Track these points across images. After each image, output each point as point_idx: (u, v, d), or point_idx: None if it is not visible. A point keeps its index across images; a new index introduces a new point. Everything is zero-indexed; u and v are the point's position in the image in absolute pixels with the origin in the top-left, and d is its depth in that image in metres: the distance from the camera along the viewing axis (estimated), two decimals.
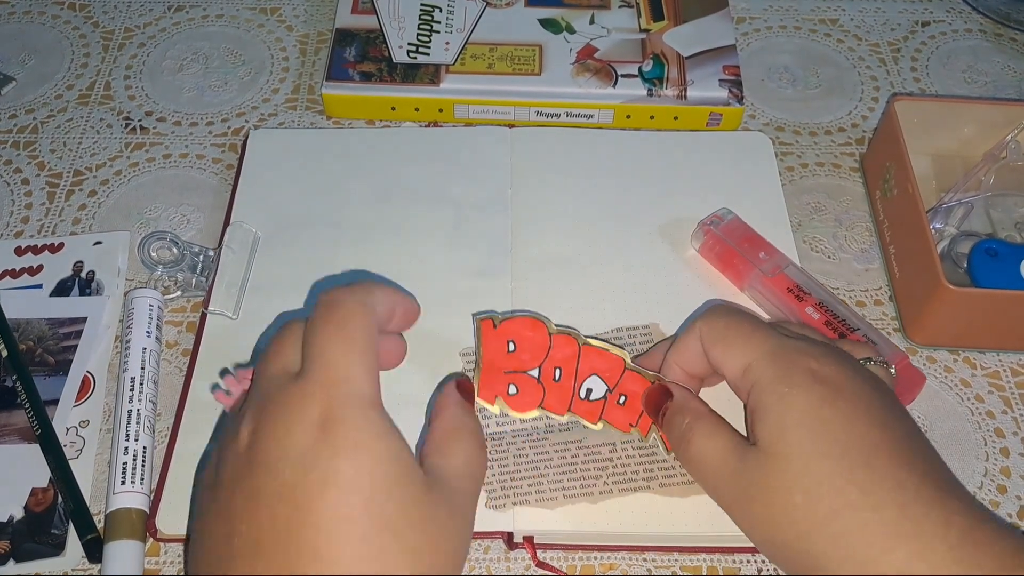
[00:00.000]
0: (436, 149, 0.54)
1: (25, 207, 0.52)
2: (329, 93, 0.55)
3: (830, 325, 0.44)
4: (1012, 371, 0.46)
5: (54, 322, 0.46)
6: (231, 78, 0.59)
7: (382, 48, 0.57)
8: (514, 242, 0.49)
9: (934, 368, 0.46)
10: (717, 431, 0.36)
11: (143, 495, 0.40)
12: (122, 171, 0.54)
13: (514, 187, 0.52)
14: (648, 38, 0.57)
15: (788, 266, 0.46)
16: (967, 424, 0.44)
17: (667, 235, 0.50)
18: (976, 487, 0.42)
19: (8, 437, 0.43)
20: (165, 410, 0.44)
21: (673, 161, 0.54)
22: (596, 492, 0.39)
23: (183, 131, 0.56)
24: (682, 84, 0.55)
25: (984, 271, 0.46)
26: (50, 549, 0.40)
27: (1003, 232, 0.49)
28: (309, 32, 0.62)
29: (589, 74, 0.56)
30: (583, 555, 0.40)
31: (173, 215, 0.52)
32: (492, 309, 0.47)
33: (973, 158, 0.53)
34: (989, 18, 0.64)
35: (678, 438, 0.37)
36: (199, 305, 0.48)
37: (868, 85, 0.60)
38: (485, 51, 0.57)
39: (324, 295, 0.33)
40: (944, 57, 0.62)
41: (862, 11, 0.65)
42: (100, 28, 0.62)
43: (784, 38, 0.63)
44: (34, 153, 0.55)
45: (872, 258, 0.51)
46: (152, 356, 0.44)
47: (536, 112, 0.55)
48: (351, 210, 0.51)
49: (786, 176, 0.54)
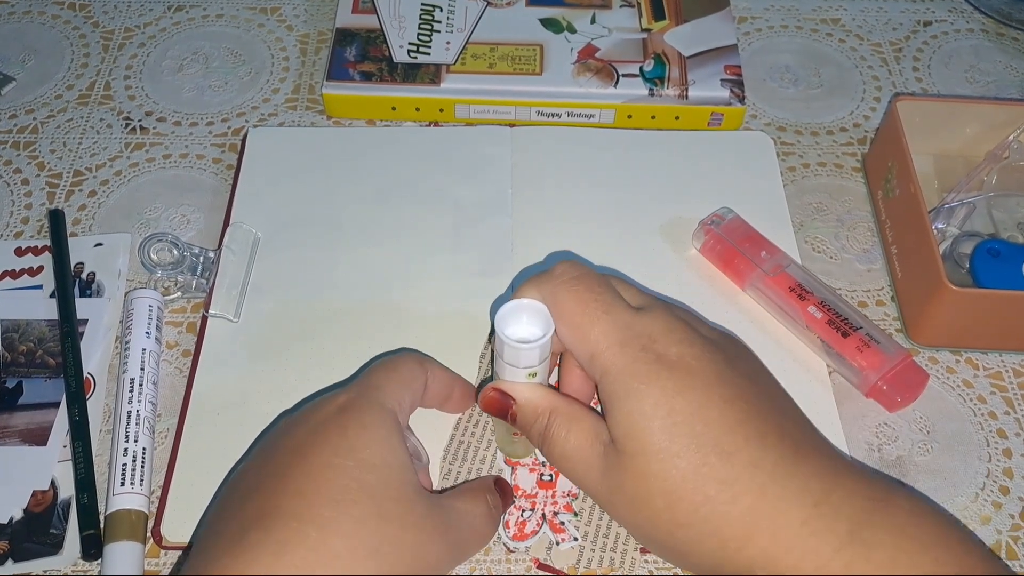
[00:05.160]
0: (436, 149, 0.54)
1: (25, 207, 0.52)
2: (329, 93, 0.55)
3: (833, 324, 0.44)
4: (1014, 372, 0.46)
5: (54, 323, 0.46)
6: (231, 78, 0.59)
7: (383, 48, 0.57)
8: (514, 242, 0.49)
9: (936, 369, 0.46)
10: (575, 427, 0.35)
11: (143, 496, 0.40)
12: (122, 171, 0.54)
13: (514, 187, 0.52)
14: (649, 38, 0.57)
15: (790, 265, 0.46)
16: (969, 425, 0.44)
17: (668, 235, 0.50)
18: (979, 488, 0.42)
19: (8, 439, 0.43)
20: (165, 411, 0.44)
21: (674, 161, 0.53)
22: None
23: (183, 131, 0.56)
24: (683, 84, 0.55)
25: (986, 271, 0.46)
26: (48, 548, 0.39)
27: (1005, 232, 0.49)
28: (309, 32, 0.62)
29: (590, 74, 0.55)
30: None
31: (173, 215, 0.52)
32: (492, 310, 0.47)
33: (975, 158, 0.53)
34: (991, 18, 0.64)
35: (538, 441, 0.36)
36: (199, 306, 0.48)
37: (870, 85, 0.60)
38: (486, 51, 0.56)
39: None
40: (946, 57, 0.61)
41: (864, 11, 0.64)
42: (100, 28, 0.62)
43: (786, 38, 0.63)
44: (34, 153, 0.55)
45: (874, 258, 0.51)
46: (152, 357, 0.44)
47: (537, 112, 0.55)
48: (351, 210, 0.51)
49: (788, 176, 0.54)
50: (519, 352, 0.35)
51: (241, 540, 0.31)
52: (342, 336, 0.46)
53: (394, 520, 0.32)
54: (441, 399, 0.41)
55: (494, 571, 0.39)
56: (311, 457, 0.33)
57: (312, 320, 0.46)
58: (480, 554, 0.40)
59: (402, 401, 0.36)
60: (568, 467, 0.35)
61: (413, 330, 0.46)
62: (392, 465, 0.33)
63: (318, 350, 0.45)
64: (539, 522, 0.40)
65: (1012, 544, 0.41)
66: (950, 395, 0.45)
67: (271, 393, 0.43)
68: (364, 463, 0.33)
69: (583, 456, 0.34)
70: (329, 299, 0.47)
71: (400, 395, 0.36)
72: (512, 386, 0.36)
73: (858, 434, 0.44)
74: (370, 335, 0.46)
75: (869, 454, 0.43)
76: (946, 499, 0.42)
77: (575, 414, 0.35)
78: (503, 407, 0.36)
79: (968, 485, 0.42)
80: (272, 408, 0.43)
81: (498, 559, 0.39)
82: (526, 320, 0.36)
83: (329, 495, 0.31)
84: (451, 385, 0.41)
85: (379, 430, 0.34)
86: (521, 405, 0.36)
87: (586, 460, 0.34)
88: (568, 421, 0.35)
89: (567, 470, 0.35)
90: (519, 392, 0.36)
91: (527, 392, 0.36)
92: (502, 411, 0.36)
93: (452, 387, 0.41)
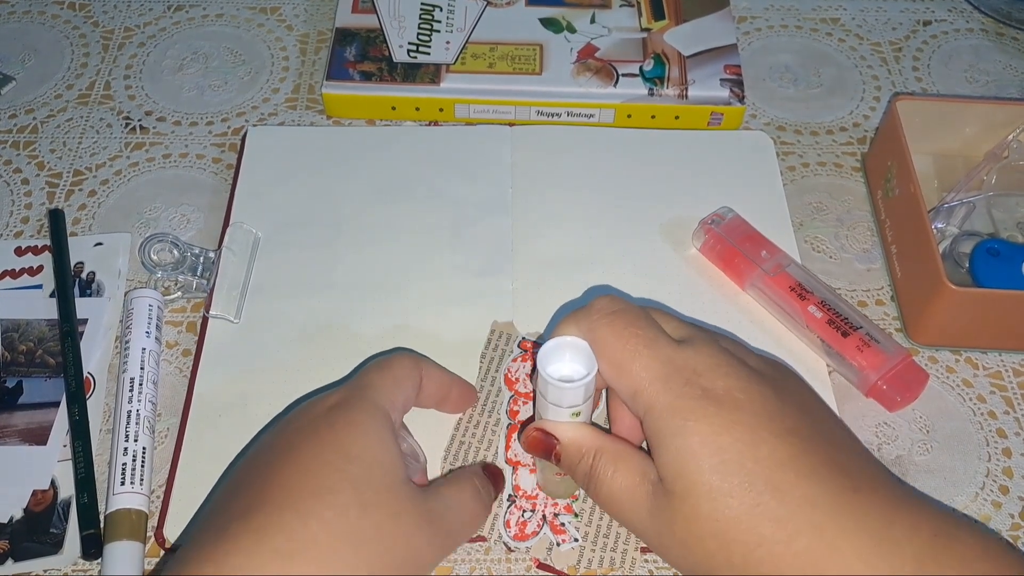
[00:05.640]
0: (436, 148, 0.54)
1: (25, 207, 0.52)
2: (329, 93, 0.55)
3: (833, 324, 0.44)
4: (1014, 371, 0.46)
5: (54, 323, 0.46)
6: (231, 78, 0.59)
7: (382, 47, 0.57)
8: (514, 242, 0.49)
9: (936, 368, 0.46)
10: (621, 466, 0.34)
11: (143, 495, 0.40)
12: (122, 171, 0.54)
13: (514, 187, 0.52)
14: (649, 37, 0.57)
15: (790, 265, 0.46)
16: (969, 425, 0.44)
17: (668, 234, 0.50)
18: (978, 488, 0.42)
19: (9, 438, 0.43)
20: (165, 411, 0.44)
21: (674, 160, 0.53)
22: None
23: (183, 131, 0.56)
24: (683, 83, 0.55)
25: (986, 271, 0.46)
26: (48, 548, 0.39)
27: (1005, 232, 0.49)
28: (309, 32, 0.62)
29: (590, 73, 0.55)
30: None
31: (173, 215, 0.52)
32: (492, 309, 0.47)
33: (975, 158, 0.53)
34: (991, 17, 0.64)
35: (584, 481, 0.35)
36: (199, 306, 0.48)
37: (870, 85, 0.60)
38: (486, 50, 0.56)
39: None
40: (946, 56, 0.61)
41: (863, 10, 0.64)
42: (100, 28, 0.62)
43: (785, 37, 0.63)
44: (34, 153, 0.55)
45: (874, 258, 0.51)
46: (152, 356, 0.44)
47: (537, 112, 0.55)
48: (351, 210, 0.51)
49: (787, 176, 0.54)
50: (563, 391, 0.34)
51: (224, 530, 0.31)
52: (342, 336, 0.46)
53: (377, 510, 0.32)
54: (438, 399, 0.41)
55: (494, 571, 0.39)
56: (298, 454, 0.33)
57: (312, 320, 0.46)
58: (480, 554, 0.40)
59: (394, 400, 0.36)
60: (615, 508, 0.34)
61: (413, 330, 0.46)
62: (379, 458, 0.33)
63: (319, 350, 0.45)
64: (540, 523, 0.40)
65: (1013, 544, 0.41)
66: (950, 395, 0.45)
67: (272, 394, 0.43)
68: (350, 457, 0.33)
69: (630, 496, 0.33)
70: (329, 299, 0.47)
71: (392, 394, 0.36)
72: (555, 426, 0.35)
73: (858, 434, 0.43)
74: (370, 335, 0.46)
75: None
76: (946, 499, 0.42)
77: (621, 453, 0.34)
78: (547, 447, 0.35)
79: (968, 484, 0.42)
80: (273, 409, 0.43)
81: (498, 559, 0.39)
82: (569, 357, 0.35)
83: (313, 486, 0.32)
84: (448, 385, 0.41)
85: (368, 427, 0.34)
86: (565, 445, 0.35)
87: (633, 500, 0.33)
88: (614, 460, 0.34)
89: (614, 511, 0.34)
90: (563, 432, 0.35)
91: (571, 432, 0.35)
92: (546, 451, 0.35)
93: (449, 387, 0.41)
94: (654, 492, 0.33)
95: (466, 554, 0.40)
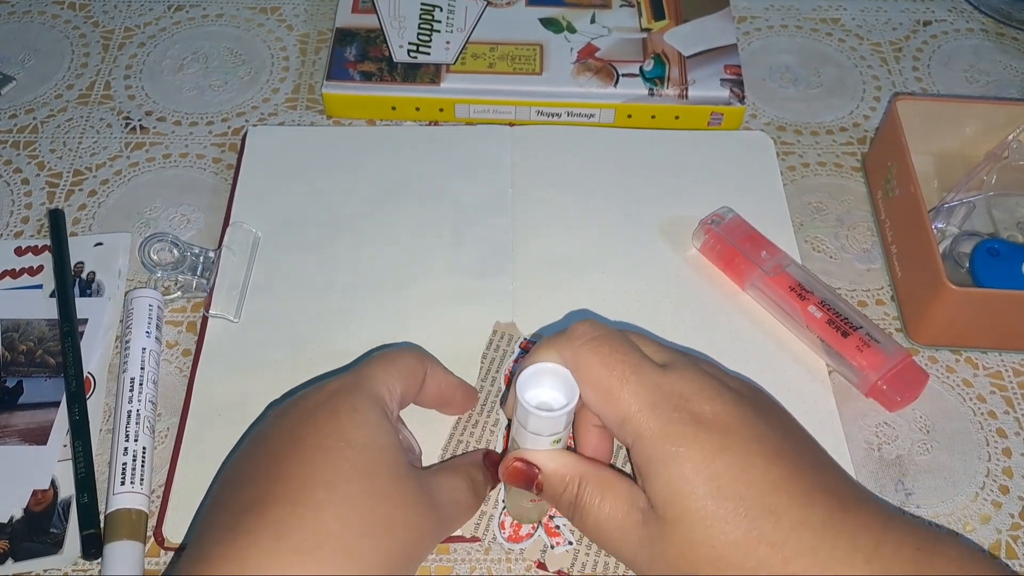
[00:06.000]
0: (437, 148, 0.54)
1: (25, 207, 0.52)
2: (329, 93, 0.55)
3: (833, 324, 0.44)
4: (1014, 371, 0.46)
5: (54, 323, 0.46)
6: (231, 78, 0.59)
7: (382, 47, 0.57)
8: (514, 242, 0.49)
9: (936, 368, 0.46)
10: (608, 494, 0.33)
11: (143, 495, 0.40)
12: (122, 171, 0.54)
13: (514, 187, 0.52)
14: (649, 37, 0.57)
15: (790, 265, 0.46)
16: (969, 424, 0.44)
17: (668, 234, 0.50)
18: (978, 487, 0.42)
19: (9, 438, 0.43)
20: (165, 410, 0.44)
21: (674, 160, 0.53)
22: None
23: (183, 131, 0.56)
24: (683, 83, 0.55)
25: (986, 271, 0.46)
26: (48, 547, 0.39)
27: (1005, 232, 0.49)
28: (309, 31, 0.62)
29: (590, 73, 0.55)
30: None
31: (173, 215, 0.52)
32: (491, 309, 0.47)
33: (975, 158, 0.53)
34: (991, 17, 0.64)
35: (568, 510, 0.34)
36: (199, 306, 0.48)
37: (870, 85, 0.60)
38: (486, 50, 0.56)
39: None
40: (946, 56, 0.61)
41: (863, 10, 0.64)
42: (100, 28, 0.62)
43: (785, 37, 0.63)
44: (34, 153, 0.55)
45: (874, 258, 0.51)
46: (152, 356, 0.44)
47: (537, 112, 0.55)
48: (351, 210, 0.51)
49: (787, 176, 0.54)
50: (544, 421, 0.33)
51: (236, 527, 0.31)
52: (342, 336, 0.46)
53: (386, 499, 0.32)
54: (441, 401, 0.41)
55: (494, 571, 0.39)
56: (303, 442, 0.33)
57: (312, 320, 0.46)
58: (480, 554, 0.40)
59: (394, 390, 0.36)
60: (602, 536, 0.34)
61: (413, 330, 0.46)
62: (383, 446, 0.34)
63: (319, 350, 0.45)
64: (534, 525, 0.40)
65: (1012, 544, 0.41)
66: (950, 394, 0.45)
67: (272, 393, 0.43)
68: (355, 444, 0.33)
69: (618, 524, 0.33)
70: (329, 299, 0.47)
71: (392, 385, 0.36)
72: (535, 455, 0.35)
73: (858, 434, 0.44)
74: (370, 335, 0.46)
75: (869, 454, 0.43)
76: (946, 498, 0.42)
77: (607, 480, 0.34)
78: (529, 477, 0.35)
79: (968, 484, 0.42)
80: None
81: (498, 559, 0.39)
82: (548, 384, 0.34)
83: (322, 477, 0.32)
84: (452, 388, 0.41)
85: (369, 414, 0.34)
86: (548, 474, 0.34)
87: (622, 528, 0.33)
88: (600, 488, 0.33)
89: (601, 539, 0.34)
90: (544, 461, 0.34)
91: (553, 460, 0.34)
92: (528, 482, 0.35)
93: (454, 391, 0.41)
94: (644, 520, 0.32)
95: (466, 554, 0.40)
